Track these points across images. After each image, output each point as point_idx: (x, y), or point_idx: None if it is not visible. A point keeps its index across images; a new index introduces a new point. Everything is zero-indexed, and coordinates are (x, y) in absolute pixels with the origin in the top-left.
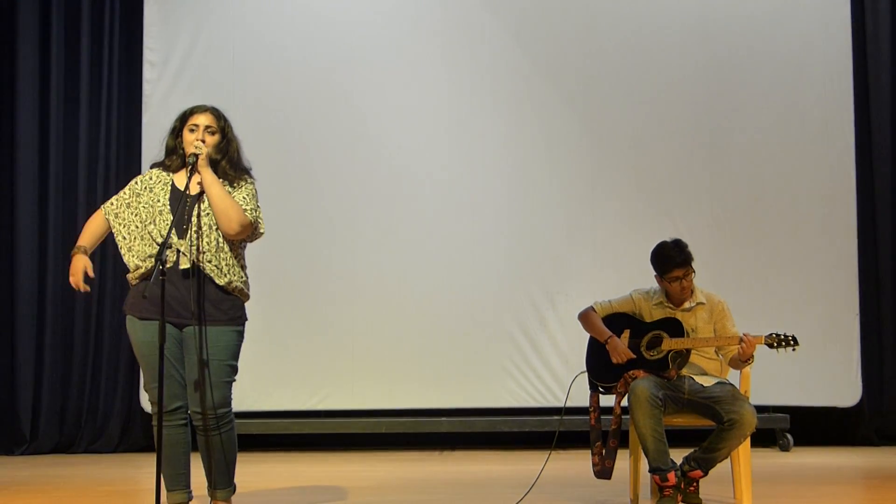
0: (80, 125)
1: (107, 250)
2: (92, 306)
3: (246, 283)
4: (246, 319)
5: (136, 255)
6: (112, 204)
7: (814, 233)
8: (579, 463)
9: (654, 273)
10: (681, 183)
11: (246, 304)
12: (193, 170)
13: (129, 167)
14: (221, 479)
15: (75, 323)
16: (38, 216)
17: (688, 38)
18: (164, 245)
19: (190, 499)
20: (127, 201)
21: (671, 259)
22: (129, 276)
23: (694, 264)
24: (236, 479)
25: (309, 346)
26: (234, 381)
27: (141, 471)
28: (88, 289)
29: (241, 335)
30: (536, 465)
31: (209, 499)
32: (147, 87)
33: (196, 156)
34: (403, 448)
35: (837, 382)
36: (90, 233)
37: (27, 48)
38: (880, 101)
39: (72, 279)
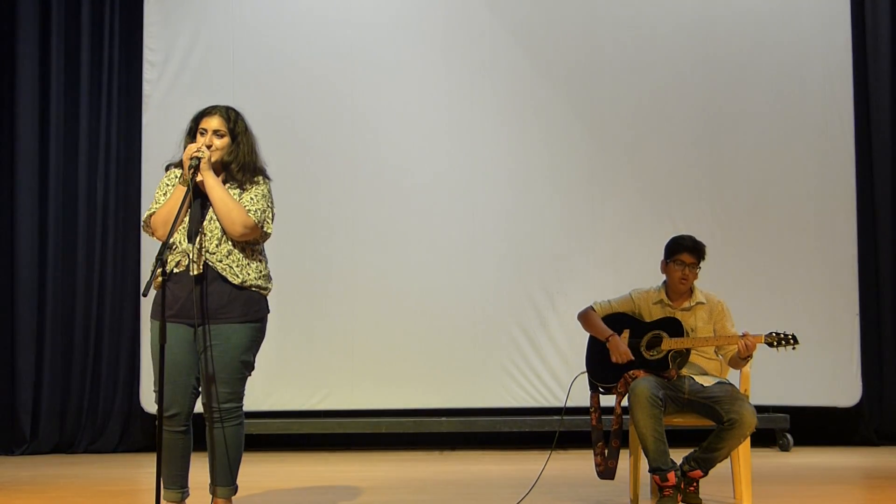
0: (80, 125)
1: (106, 251)
2: (92, 307)
3: (264, 276)
4: (266, 313)
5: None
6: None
7: (814, 233)
8: (579, 463)
9: (662, 259)
10: (681, 182)
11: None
12: (195, 173)
13: (129, 167)
14: (222, 476)
15: (75, 323)
16: (38, 216)
17: (688, 39)
18: (165, 245)
19: (185, 496)
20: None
21: (683, 241)
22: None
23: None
24: (238, 480)
25: (309, 346)
26: (247, 375)
27: (141, 471)
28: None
29: (257, 331)
30: (536, 465)
31: (210, 498)
32: (147, 87)
33: (199, 159)
34: (403, 448)
35: (837, 382)
36: None
37: (27, 48)
38: (880, 101)
39: None
